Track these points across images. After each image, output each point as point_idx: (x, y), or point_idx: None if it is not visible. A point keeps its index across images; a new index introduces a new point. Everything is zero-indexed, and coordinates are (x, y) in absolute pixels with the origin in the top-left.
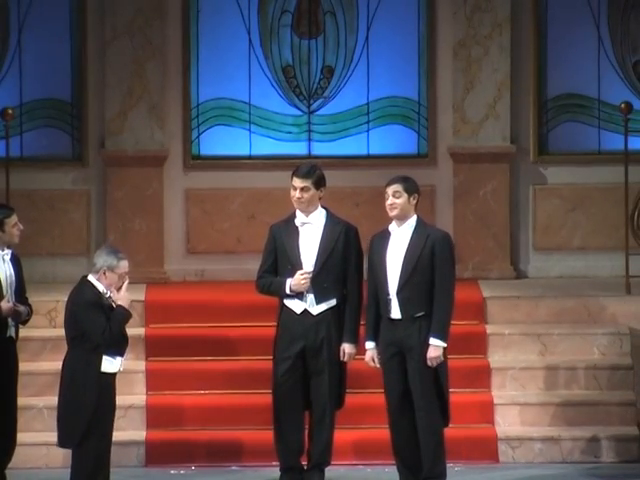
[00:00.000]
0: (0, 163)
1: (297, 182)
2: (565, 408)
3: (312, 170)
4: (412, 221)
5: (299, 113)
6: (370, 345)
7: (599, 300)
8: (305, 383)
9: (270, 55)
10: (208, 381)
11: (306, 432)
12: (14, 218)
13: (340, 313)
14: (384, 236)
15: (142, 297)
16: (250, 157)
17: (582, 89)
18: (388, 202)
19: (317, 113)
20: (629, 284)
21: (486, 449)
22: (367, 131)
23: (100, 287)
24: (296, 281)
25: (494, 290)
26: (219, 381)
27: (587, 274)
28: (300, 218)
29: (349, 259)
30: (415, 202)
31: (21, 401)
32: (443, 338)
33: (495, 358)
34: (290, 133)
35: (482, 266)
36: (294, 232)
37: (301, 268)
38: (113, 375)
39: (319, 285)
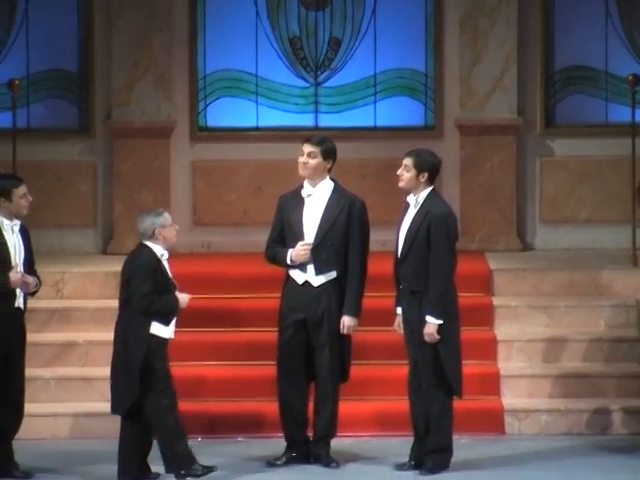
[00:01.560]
0: (7, 134)
1: (306, 147)
2: (571, 380)
3: (323, 140)
4: (422, 196)
5: (306, 85)
6: (398, 311)
7: (606, 272)
8: (309, 355)
9: (277, 26)
10: (215, 352)
11: (310, 404)
12: (22, 189)
13: (342, 286)
14: (405, 206)
15: None
16: (257, 129)
17: (589, 61)
18: (398, 172)
19: (324, 85)
20: (636, 256)
21: (492, 421)
22: (374, 103)
23: (159, 250)
24: (296, 252)
25: (501, 262)
26: (226, 352)
27: (594, 246)
28: (307, 189)
29: (352, 232)
30: (425, 179)
31: (28, 372)
32: (437, 315)
33: (502, 330)
34: (297, 105)
35: (489, 238)
36: (300, 203)
37: (303, 239)
38: (164, 340)
39: (319, 256)
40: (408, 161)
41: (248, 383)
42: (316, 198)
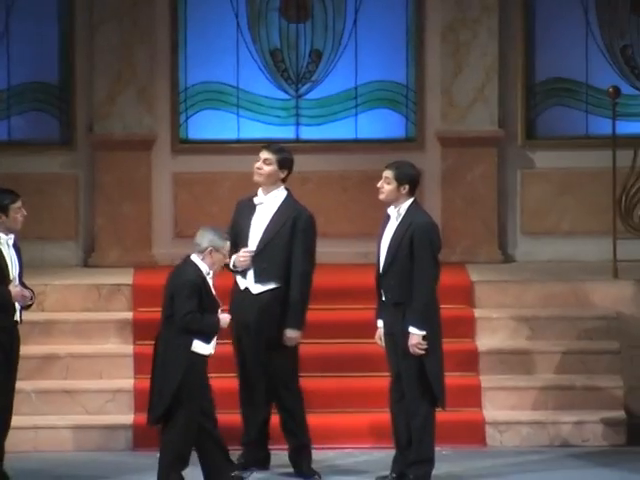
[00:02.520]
0: None
1: (263, 153)
2: (553, 392)
3: (281, 150)
4: (403, 208)
5: (287, 97)
6: (379, 324)
7: (587, 284)
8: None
9: (258, 39)
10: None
11: (269, 414)
12: (19, 203)
13: (284, 297)
14: (385, 218)
15: (130, 281)
16: (238, 141)
17: (570, 73)
18: (378, 184)
19: (305, 97)
20: (617, 268)
21: (473, 433)
22: (355, 115)
23: (204, 267)
24: (237, 257)
25: (482, 274)
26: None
27: (575, 258)
28: (259, 197)
29: (295, 245)
30: (406, 191)
31: None
32: (420, 326)
33: (483, 342)
34: (278, 117)
35: (470, 250)
36: (251, 209)
37: (246, 245)
38: (204, 357)
39: (259, 265)
40: (388, 173)
41: (231, 395)
42: (266, 206)
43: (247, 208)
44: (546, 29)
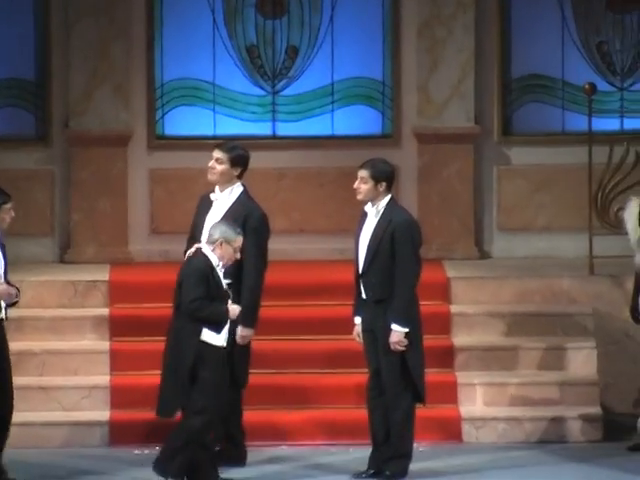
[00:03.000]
0: None
1: (215, 153)
2: (529, 388)
3: (234, 148)
4: (381, 205)
5: (263, 93)
6: (356, 320)
7: (563, 280)
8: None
9: (234, 35)
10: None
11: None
12: (9, 205)
13: (237, 294)
14: (362, 216)
15: (106, 277)
16: (214, 137)
17: (546, 70)
18: (355, 185)
19: (281, 93)
20: (593, 264)
21: (450, 429)
22: (332, 111)
23: (213, 258)
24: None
25: (458, 270)
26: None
27: (551, 254)
28: (216, 193)
29: (247, 243)
30: (383, 188)
31: None
32: (402, 323)
33: (459, 338)
34: (254, 113)
35: (446, 246)
36: (209, 205)
37: (199, 242)
38: (216, 348)
39: None
40: (364, 173)
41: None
42: (220, 203)
43: (206, 203)
44: (522, 25)
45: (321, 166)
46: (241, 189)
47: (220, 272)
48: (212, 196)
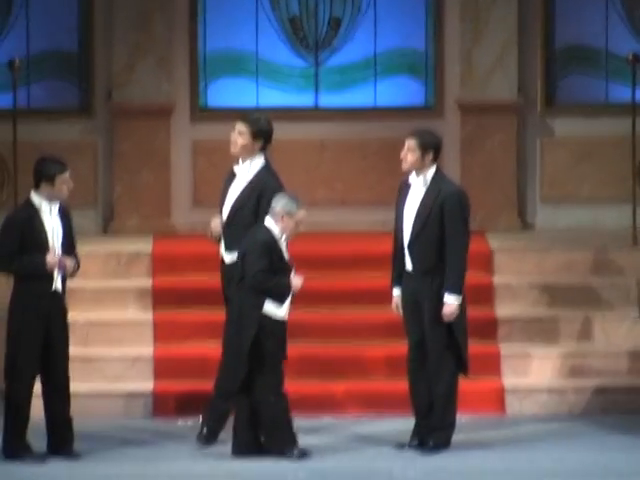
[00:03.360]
0: (7, 114)
1: (237, 125)
2: (572, 359)
3: (257, 120)
4: (429, 175)
5: (306, 65)
6: (395, 292)
7: (606, 251)
8: None
9: (277, 6)
10: (214, 332)
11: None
12: (66, 175)
13: None
14: (406, 186)
15: (149, 249)
16: (257, 109)
17: (590, 41)
18: (402, 154)
19: (324, 65)
20: (636, 235)
21: (493, 401)
22: (374, 82)
23: (275, 230)
24: (213, 222)
25: (502, 242)
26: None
27: (594, 225)
28: (239, 165)
29: (260, 216)
30: (430, 159)
31: None
32: (456, 294)
33: (502, 310)
34: (297, 85)
35: (489, 218)
36: (232, 177)
37: (222, 213)
38: (278, 321)
39: (228, 234)
40: (411, 142)
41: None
42: (241, 176)
43: (230, 176)
44: None
45: (363, 138)
46: (261, 162)
47: (283, 245)
48: (235, 169)
